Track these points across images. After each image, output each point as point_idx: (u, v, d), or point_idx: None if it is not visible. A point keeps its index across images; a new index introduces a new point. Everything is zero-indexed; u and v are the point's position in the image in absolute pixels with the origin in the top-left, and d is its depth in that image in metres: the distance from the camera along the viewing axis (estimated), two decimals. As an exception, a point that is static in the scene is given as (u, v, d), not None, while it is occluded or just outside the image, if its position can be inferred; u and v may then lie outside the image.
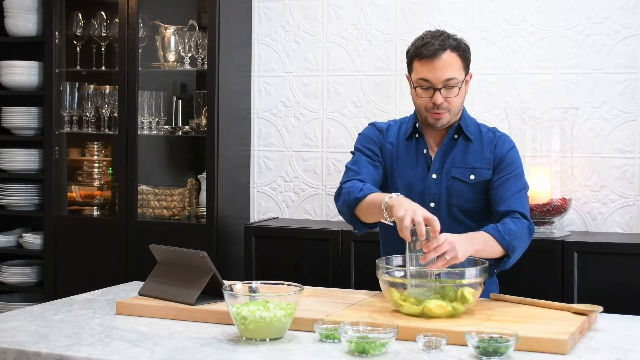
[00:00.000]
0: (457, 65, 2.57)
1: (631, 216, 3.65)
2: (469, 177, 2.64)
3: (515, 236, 2.49)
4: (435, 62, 2.54)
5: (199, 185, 4.22)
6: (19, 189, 4.42)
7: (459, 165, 2.65)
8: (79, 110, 4.30)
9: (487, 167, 2.64)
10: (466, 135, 2.67)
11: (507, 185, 2.61)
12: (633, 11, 3.63)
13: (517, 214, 2.55)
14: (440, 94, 2.56)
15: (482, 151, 2.66)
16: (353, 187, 2.52)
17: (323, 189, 4.11)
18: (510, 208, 2.56)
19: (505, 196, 2.59)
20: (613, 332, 2.20)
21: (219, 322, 2.23)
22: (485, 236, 2.46)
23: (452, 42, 2.58)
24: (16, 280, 4.39)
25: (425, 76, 2.56)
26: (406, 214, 2.23)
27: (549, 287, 3.30)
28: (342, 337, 1.96)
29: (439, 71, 2.54)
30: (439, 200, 2.63)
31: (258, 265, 3.77)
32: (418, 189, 2.64)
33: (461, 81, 2.58)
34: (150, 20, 4.22)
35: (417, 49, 2.59)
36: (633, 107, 3.64)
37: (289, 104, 4.17)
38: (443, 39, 2.57)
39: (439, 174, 2.65)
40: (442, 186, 2.64)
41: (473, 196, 2.64)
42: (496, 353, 1.89)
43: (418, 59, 2.58)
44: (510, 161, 2.65)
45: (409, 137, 2.70)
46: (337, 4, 4.08)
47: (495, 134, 2.70)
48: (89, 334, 2.15)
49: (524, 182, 2.66)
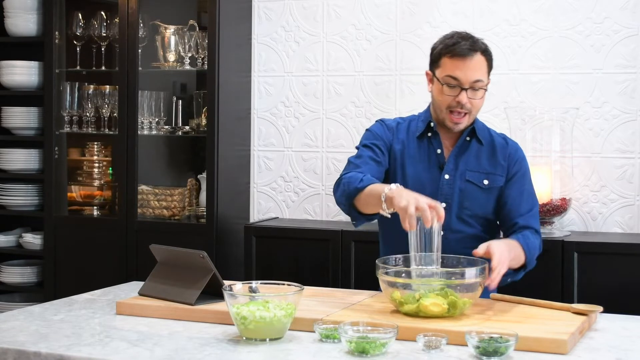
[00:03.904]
0: (484, 68, 2.59)
1: (631, 216, 3.65)
2: (482, 181, 2.64)
3: (535, 251, 2.59)
4: (467, 61, 2.55)
5: (199, 185, 4.22)
6: (19, 189, 4.42)
7: (473, 169, 2.65)
8: (79, 110, 4.30)
9: (500, 174, 2.66)
10: (478, 138, 2.67)
11: (523, 198, 2.65)
12: (633, 11, 3.63)
13: (534, 230, 2.63)
14: (466, 94, 2.56)
15: (495, 157, 2.67)
16: (353, 177, 2.50)
17: (323, 189, 4.11)
18: (529, 224, 2.63)
19: (522, 210, 2.64)
20: (613, 332, 2.20)
21: (219, 322, 2.23)
22: (518, 247, 2.53)
23: (482, 45, 2.59)
24: (16, 280, 4.39)
25: (455, 74, 2.55)
26: (409, 203, 2.22)
27: (549, 287, 3.30)
28: (342, 337, 1.96)
29: (469, 71, 2.55)
30: (451, 202, 2.63)
31: (258, 265, 3.77)
32: (429, 189, 2.62)
33: (486, 84, 2.60)
34: (150, 20, 4.22)
35: (448, 46, 2.58)
36: (633, 107, 3.64)
37: (289, 104, 4.17)
38: (474, 40, 2.58)
39: (452, 175, 2.64)
40: (454, 187, 2.63)
41: (485, 201, 2.65)
42: (496, 353, 1.89)
43: (449, 56, 2.56)
44: (523, 172, 2.69)
45: (420, 136, 2.69)
46: (337, 4, 4.08)
47: (507, 142, 2.72)
48: (89, 334, 2.15)
49: (535, 196, 2.73)
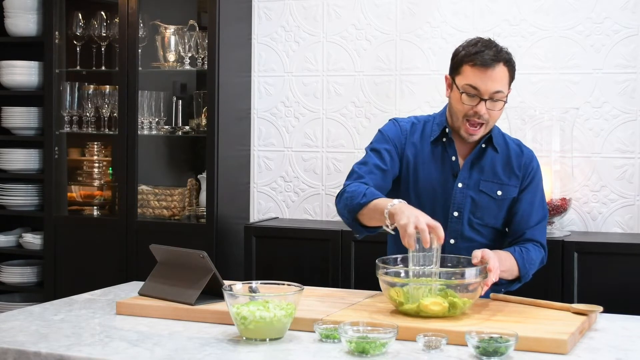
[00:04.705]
0: (506, 79, 2.53)
1: (631, 216, 3.65)
2: (496, 192, 2.61)
3: (533, 265, 2.59)
4: (488, 72, 2.48)
5: (199, 185, 4.22)
6: (19, 189, 4.42)
7: (487, 178, 2.61)
8: (79, 110, 4.30)
9: (514, 185, 2.63)
10: (494, 146, 2.63)
11: (533, 209, 2.64)
12: (633, 11, 3.63)
13: (538, 244, 2.63)
14: (485, 104, 2.50)
15: (510, 166, 2.63)
16: (356, 192, 2.46)
17: (323, 189, 4.11)
18: (534, 237, 2.63)
19: (530, 223, 2.63)
20: (613, 332, 2.20)
21: (219, 322, 2.23)
22: (512, 259, 2.53)
23: (505, 55, 2.53)
24: (16, 280, 4.39)
25: (475, 84, 2.49)
26: (409, 222, 2.20)
27: (549, 287, 3.30)
28: (342, 337, 1.96)
29: (490, 82, 2.49)
30: (463, 211, 2.60)
31: (258, 265, 3.77)
32: (442, 196, 2.60)
33: (506, 95, 2.54)
34: (150, 20, 4.22)
35: (471, 54, 2.51)
36: (633, 107, 3.64)
37: (289, 104, 4.17)
38: (498, 50, 2.52)
39: (466, 184, 2.60)
40: (467, 196, 2.60)
41: (497, 212, 2.63)
42: (496, 353, 1.89)
43: (471, 64, 2.50)
44: (537, 183, 2.66)
45: (435, 141, 2.64)
46: (337, 4, 4.08)
47: (523, 150, 2.67)
48: (89, 334, 2.15)
49: (546, 207, 2.72)
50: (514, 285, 2.59)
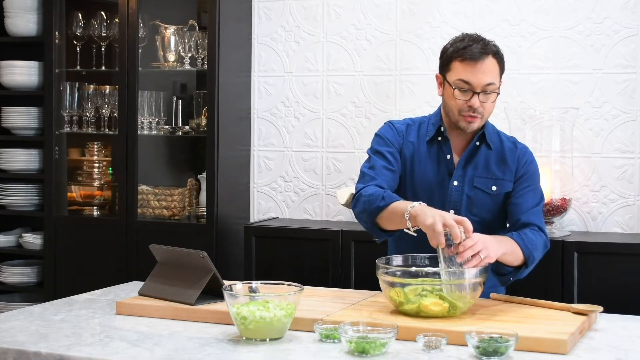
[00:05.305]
0: (496, 71, 2.55)
1: (631, 216, 3.65)
2: (490, 188, 2.62)
3: (535, 247, 2.53)
4: (478, 65, 2.51)
5: (199, 185, 4.22)
6: (19, 189, 4.42)
7: (481, 174, 2.62)
8: (79, 110, 4.30)
9: (509, 180, 2.63)
10: (488, 143, 2.64)
11: (527, 196, 2.62)
12: (633, 11, 3.63)
13: (535, 227, 2.58)
14: (478, 97, 2.52)
15: (504, 161, 2.64)
16: (374, 195, 2.47)
17: (323, 189, 4.11)
18: (530, 221, 2.59)
19: (524, 208, 2.60)
20: (613, 332, 2.20)
21: (219, 322, 2.23)
22: (511, 241, 2.48)
23: (493, 48, 2.55)
24: (16, 280, 4.39)
25: (467, 78, 2.51)
26: (435, 220, 2.22)
27: (549, 287, 3.30)
28: (342, 337, 1.96)
29: (481, 74, 2.51)
30: (459, 208, 2.61)
31: (258, 265, 3.77)
32: (438, 195, 2.61)
33: (498, 87, 2.56)
34: (150, 20, 4.22)
35: (459, 50, 2.53)
36: (633, 107, 3.64)
37: (289, 104, 4.17)
38: (485, 43, 2.54)
39: (461, 181, 2.61)
40: (462, 194, 2.61)
41: (493, 207, 2.63)
42: (496, 353, 1.89)
43: (460, 60, 2.52)
44: (531, 174, 2.65)
45: (430, 140, 2.65)
46: (337, 4, 4.08)
47: (517, 146, 2.68)
48: (89, 334, 2.15)
49: (542, 194, 2.69)
50: (521, 272, 2.53)
